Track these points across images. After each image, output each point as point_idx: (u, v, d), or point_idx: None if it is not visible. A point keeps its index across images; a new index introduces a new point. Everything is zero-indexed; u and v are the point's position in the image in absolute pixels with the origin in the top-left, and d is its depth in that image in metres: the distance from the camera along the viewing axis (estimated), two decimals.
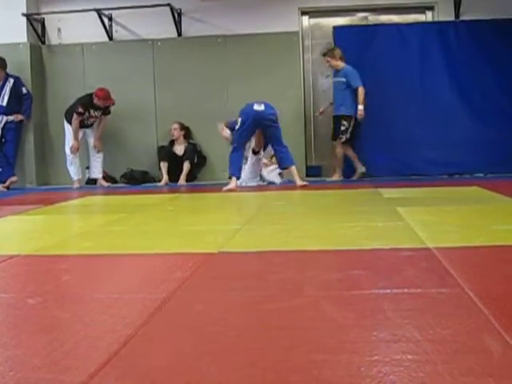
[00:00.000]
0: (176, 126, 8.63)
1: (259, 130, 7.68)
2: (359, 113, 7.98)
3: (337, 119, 8.17)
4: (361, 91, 7.97)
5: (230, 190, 7.20)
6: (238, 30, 8.79)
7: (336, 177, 8.29)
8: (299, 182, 7.39)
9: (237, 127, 7.55)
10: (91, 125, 8.71)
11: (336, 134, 8.18)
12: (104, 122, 8.73)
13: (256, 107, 7.47)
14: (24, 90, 8.79)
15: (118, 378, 1.54)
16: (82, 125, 8.59)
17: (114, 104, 8.48)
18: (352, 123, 8.10)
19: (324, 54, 8.24)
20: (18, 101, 8.79)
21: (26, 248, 3.50)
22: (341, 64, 8.15)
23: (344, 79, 8.09)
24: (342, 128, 8.10)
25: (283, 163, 7.62)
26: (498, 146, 8.16)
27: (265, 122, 7.49)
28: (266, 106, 7.53)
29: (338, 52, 8.16)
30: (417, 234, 3.50)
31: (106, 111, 8.63)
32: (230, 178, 7.47)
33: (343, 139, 8.13)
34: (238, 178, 7.54)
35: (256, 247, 3.34)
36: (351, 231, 3.75)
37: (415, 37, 8.38)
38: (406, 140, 8.29)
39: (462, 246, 3.18)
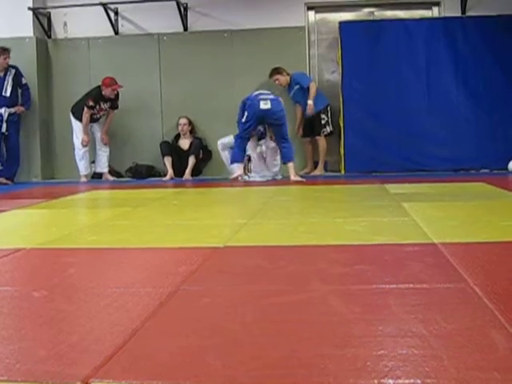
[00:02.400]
0: (185, 121, 8.60)
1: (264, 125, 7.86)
2: (309, 107, 8.14)
3: (314, 117, 8.32)
4: (312, 86, 8.19)
5: (236, 178, 7.57)
6: (244, 24, 8.77)
7: (319, 171, 8.44)
8: (293, 177, 7.49)
9: (242, 120, 7.59)
10: (99, 119, 8.71)
11: (318, 129, 8.34)
12: (111, 116, 8.73)
13: (262, 106, 7.50)
14: (23, 81, 8.77)
15: (124, 371, 1.54)
16: (91, 119, 8.59)
17: (121, 87, 8.45)
18: (329, 112, 8.35)
19: (270, 76, 8.43)
20: (18, 92, 8.79)
21: (32, 241, 3.51)
22: (288, 77, 8.43)
23: (298, 85, 8.34)
24: (323, 122, 8.32)
25: (283, 158, 7.76)
26: (504, 141, 8.14)
27: (270, 120, 7.62)
28: (273, 102, 7.55)
29: (282, 68, 8.43)
30: (422, 230, 3.49)
31: (114, 105, 8.63)
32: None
33: (325, 132, 8.36)
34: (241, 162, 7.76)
35: (262, 242, 3.34)
36: (357, 226, 3.74)
37: (421, 32, 8.34)
38: (412, 136, 8.27)
39: (468, 241, 3.18)
